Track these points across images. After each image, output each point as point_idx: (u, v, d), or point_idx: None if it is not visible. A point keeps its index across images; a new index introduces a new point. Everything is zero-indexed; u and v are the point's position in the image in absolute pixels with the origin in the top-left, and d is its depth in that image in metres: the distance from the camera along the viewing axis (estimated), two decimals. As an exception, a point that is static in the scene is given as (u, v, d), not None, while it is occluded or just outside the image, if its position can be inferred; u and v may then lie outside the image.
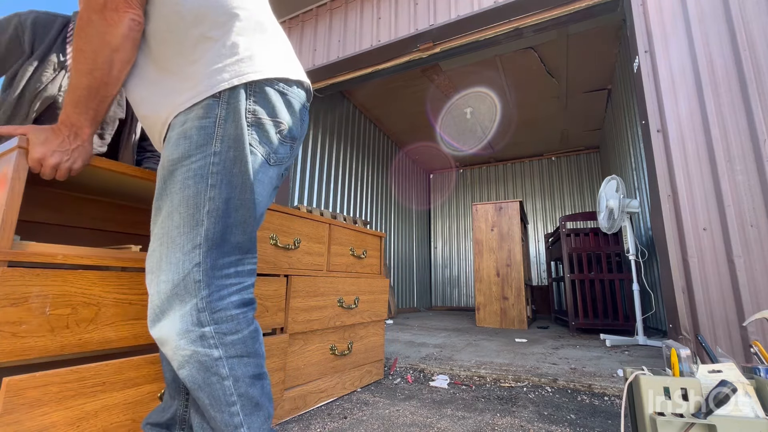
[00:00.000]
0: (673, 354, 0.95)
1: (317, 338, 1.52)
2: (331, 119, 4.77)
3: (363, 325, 1.82)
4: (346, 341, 1.68)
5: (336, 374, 1.61)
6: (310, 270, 1.51)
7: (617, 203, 2.99)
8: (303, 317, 1.43)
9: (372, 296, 1.87)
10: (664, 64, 2.05)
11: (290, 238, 1.43)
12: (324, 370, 1.53)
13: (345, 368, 1.66)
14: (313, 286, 1.49)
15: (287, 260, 1.41)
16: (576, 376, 1.84)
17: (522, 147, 6.75)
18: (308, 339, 1.47)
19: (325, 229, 1.64)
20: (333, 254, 1.67)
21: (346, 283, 1.70)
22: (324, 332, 1.56)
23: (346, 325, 1.69)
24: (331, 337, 1.60)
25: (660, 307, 3.48)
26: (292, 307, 1.38)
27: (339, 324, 1.62)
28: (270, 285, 1.28)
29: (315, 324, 1.48)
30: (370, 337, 1.88)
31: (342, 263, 1.74)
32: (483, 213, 4.34)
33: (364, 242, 1.90)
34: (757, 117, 1.77)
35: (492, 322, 4.01)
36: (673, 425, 0.84)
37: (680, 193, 1.89)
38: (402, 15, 3.17)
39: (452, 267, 7.51)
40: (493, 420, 1.37)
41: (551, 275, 5.16)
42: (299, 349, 1.42)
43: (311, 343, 1.48)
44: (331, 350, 1.58)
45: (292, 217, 1.46)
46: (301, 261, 1.48)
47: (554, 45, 3.95)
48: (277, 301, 1.31)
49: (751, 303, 1.63)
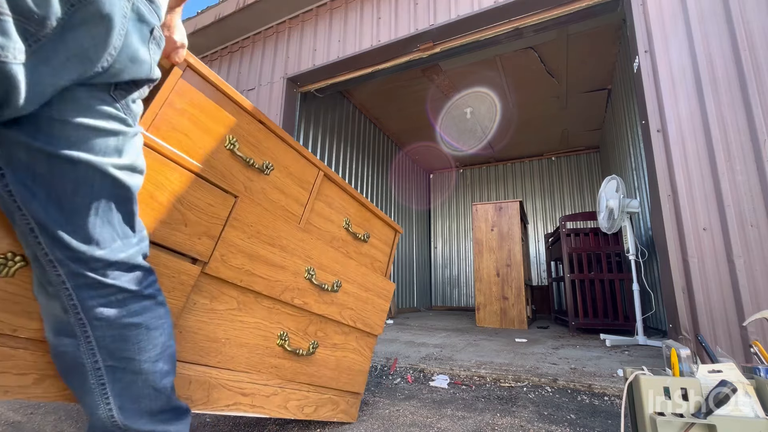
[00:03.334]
0: (673, 354, 0.95)
1: (260, 309, 1.05)
2: (331, 119, 4.77)
3: (341, 328, 1.30)
4: (308, 337, 1.18)
5: (278, 381, 1.09)
6: (275, 209, 1.11)
7: (617, 203, 2.99)
8: (241, 263, 0.99)
9: (364, 292, 1.37)
10: (664, 64, 2.05)
11: (259, 156, 1.07)
12: (258, 364, 1.04)
13: (296, 378, 1.14)
14: (272, 228, 1.07)
15: (245, 180, 1.04)
16: (576, 376, 1.84)
17: (522, 147, 6.75)
18: (244, 304, 1.02)
19: (312, 173, 1.23)
20: (317, 213, 1.25)
21: (326, 253, 1.23)
22: (273, 305, 1.09)
23: (313, 314, 1.19)
24: (285, 320, 1.12)
25: (660, 307, 3.48)
26: (228, 240, 0.96)
27: (300, 304, 1.14)
28: (203, 194, 0.90)
29: (259, 284, 1.03)
30: (348, 351, 1.31)
31: (328, 232, 1.28)
32: (483, 213, 4.34)
33: (369, 223, 1.46)
34: (757, 117, 1.77)
35: (492, 322, 4.01)
36: (673, 425, 0.84)
37: (680, 193, 1.89)
38: (402, 15, 3.17)
39: (452, 267, 7.51)
40: (493, 420, 1.37)
41: (551, 275, 5.15)
42: (225, 312, 0.97)
43: (248, 312, 1.02)
44: (280, 339, 1.09)
45: (268, 133, 1.10)
46: (266, 192, 1.09)
47: (554, 45, 3.95)
48: (206, 220, 0.91)
49: (751, 303, 1.64)
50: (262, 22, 3.95)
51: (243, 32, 4.12)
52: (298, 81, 3.72)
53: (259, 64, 3.94)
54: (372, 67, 3.43)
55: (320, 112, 4.53)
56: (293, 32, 3.81)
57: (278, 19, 3.91)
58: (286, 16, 3.86)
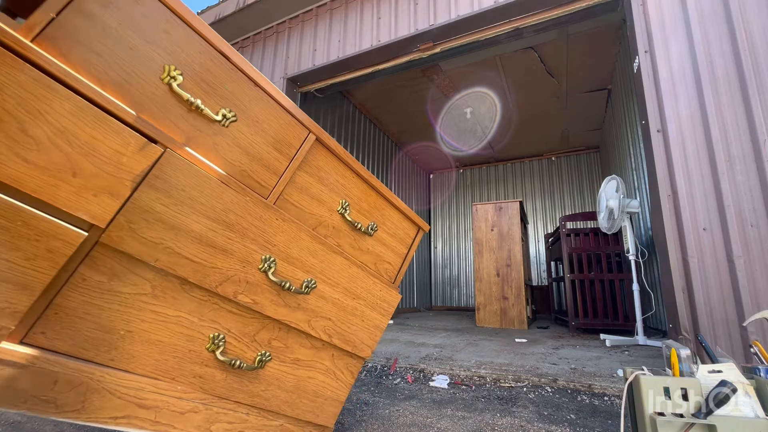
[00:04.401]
0: (673, 354, 0.95)
1: (186, 300, 0.80)
2: (331, 119, 4.78)
3: (309, 341, 1.01)
4: (256, 346, 0.91)
5: (201, 395, 0.83)
6: (231, 172, 0.85)
7: (617, 203, 2.99)
8: (159, 236, 0.74)
9: (351, 300, 1.07)
10: (664, 64, 2.05)
11: (216, 100, 0.82)
12: (173, 370, 0.80)
13: (231, 395, 0.88)
14: (215, 197, 0.81)
15: (189, 129, 0.79)
16: (576, 376, 1.84)
17: (522, 147, 6.75)
18: (163, 291, 0.77)
19: (299, 134, 0.96)
20: (298, 188, 0.97)
21: (298, 241, 0.94)
22: (207, 298, 0.83)
23: (267, 317, 0.92)
24: (224, 320, 0.86)
25: (660, 307, 3.48)
26: (142, 204, 0.72)
27: (247, 302, 0.87)
28: (110, 138, 0.67)
29: (185, 268, 0.78)
30: (317, 372, 1.03)
31: (312, 215, 1.01)
32: (483, 213, 4.34)
33: (379, 213, 1.15)
34: (757, 117, 1.77)
35: (492, 322, 4.01)
36: (673, 425, 0.84)
37: (680, 193, 1.89)
38: (402, 15, 3.17)
39: (452, 267, 7.52)
40: (493, 420, 1.37)
41: (551, 275, 5.15)
42: (131, 297, 0.74)
43: (166, 301, 0.78)
44: (213, 342, 0.84)
45: (234, 70, 0.85)
46: (219, 149, 0.84)
47: (554, 45, 3.95)
48: (110, 172, 0.67)
49: (751, 303, 1.64)
50: (262, 22, 3.96)
51: (243, 32, 4.12)
52: (298, 81, 3.72)
53: (259, 64, 3.94)
54: (372, 67, 3.43)
55: (320, 112, 4.54)
56: (293, 32, 3.81)
57: (278, 19, 3.91)
58: (286, 16, 3.86)
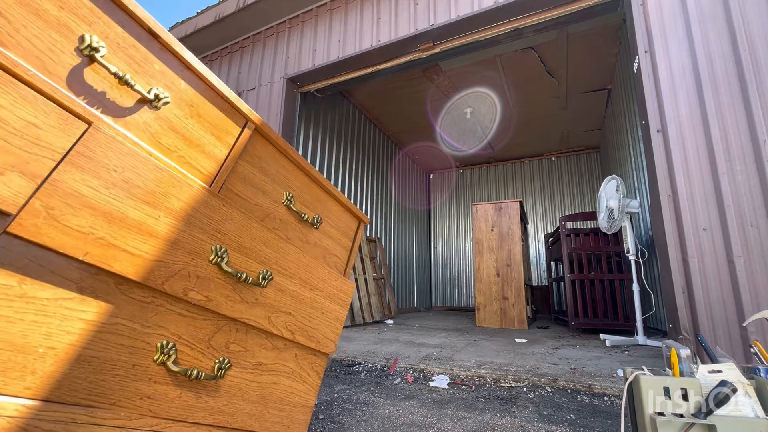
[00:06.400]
0: (673, 354, 0.95)
1: (125, 303, 0.65)
2: (331, 119, 4.78)
3: (271, 340, 0.90)
4: (213, 353, 0.78)
5: (152, 420, 0.67)
6: (167, 161, 0.75)
7: (617, 203, 2.99)
8: (89, 224, 0.60)
9: (309, 291, 0.99)
10: (664, 64, 2.05)
11: (146, 79, 0.73)
12: (114, 392, 0.63)
13: (189, 416, 0.73)
14: (154, 181, 0.69)
15: (116, 106, 0.69)
16: (576, 376, 1.84)
17: (522, 147, 6.75)
18: (93, 292, 0.62)
19: (238, 123, 0.89)
20: (242, 178, 0.90)
21: (249, 230, 0.85)
22: (152, 299, 0.69)
23: (223, 316, 0.80)
24: (173, 324, 0.72)
25: (660, 307, 3.48)
26: (65, 186, 0.58)
27: (200, 300, 0.74)
28: (22, 108, 0.56)
29: (123, 262, 0.63)
30: (282, 376, 0.92)
31: (258, 205, 0.93)
32: (483, 213, 4.34)
33: (322, 205, 1.12)
34: (757, 117, 1.77)
35: (492, 322, 4.02)
36: (673, 425, 0.84)
37: (680, 193, 1.89)
38: (402, 15, 3.17)
39: (452, 267, 7.52)
40: (493, 420, 1.37)
41: (551, 275, 5.16)
42: (50, 303, 0.57)
43: (101, 307, 0.62)
44: (161, 352, 0.69)
45: (163, 50, 0.76)
46: (153, 132, 0.74)
47: (554, 45, 3.95)
48: (21, 147, 0.55)
49: (751, 303, 1.64)
50: (262, 22, 3.96)
51: (243, 32, 4.12)
52: (298, 81, 3.72)
53: (259, 64, 3.94)
54: (372, 67, 3.43)
55: (320, 112, 4.54)
56: (293, 32, 3.81)
57: (278, 19, 3.91)
58: (286, 16, 3.87)
